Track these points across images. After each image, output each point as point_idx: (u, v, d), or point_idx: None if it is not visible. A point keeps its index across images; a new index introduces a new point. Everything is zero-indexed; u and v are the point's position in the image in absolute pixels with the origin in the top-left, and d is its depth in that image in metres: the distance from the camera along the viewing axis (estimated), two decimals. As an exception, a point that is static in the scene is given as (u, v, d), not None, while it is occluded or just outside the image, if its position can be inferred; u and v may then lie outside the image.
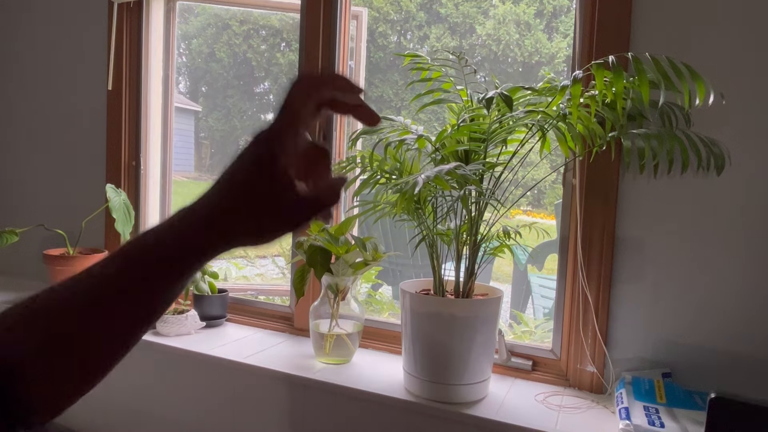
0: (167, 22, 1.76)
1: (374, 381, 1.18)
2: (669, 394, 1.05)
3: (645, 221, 1.13)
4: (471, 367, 1.07)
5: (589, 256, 1.16)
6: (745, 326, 1.06)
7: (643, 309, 1.13)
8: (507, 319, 3.19)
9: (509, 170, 1.09)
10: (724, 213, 1.07)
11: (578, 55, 1.18)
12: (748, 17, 1.03)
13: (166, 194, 1.81)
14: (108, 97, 1.72)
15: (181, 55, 10.94)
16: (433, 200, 1.13)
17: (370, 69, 8.71)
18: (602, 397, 1.15)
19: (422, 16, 9.61)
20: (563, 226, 1.23)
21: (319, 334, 1.28)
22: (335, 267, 1.24)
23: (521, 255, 3.14)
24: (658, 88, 0.89)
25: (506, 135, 1.07)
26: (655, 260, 1.12)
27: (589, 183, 1.16)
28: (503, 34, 8.91)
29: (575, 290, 1.18)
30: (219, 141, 10.91)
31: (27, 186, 1.92)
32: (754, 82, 1.03)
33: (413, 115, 2.10)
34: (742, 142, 1.04)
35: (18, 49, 1.90)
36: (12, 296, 1.68)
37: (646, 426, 0.94)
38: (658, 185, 1.11)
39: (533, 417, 1.04)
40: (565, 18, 8.84)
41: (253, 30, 10.43)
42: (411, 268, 3.36)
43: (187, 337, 1.40)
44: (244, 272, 3.60)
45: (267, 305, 1.58)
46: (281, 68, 10.58)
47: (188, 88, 11.35)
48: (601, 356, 1.16)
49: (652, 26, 1.10)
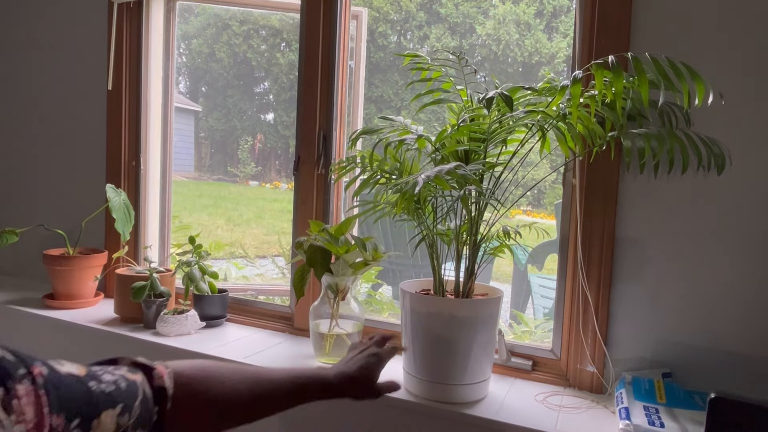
0: (167, 22, 1.76)
1: (374, 381, 1.17)
2: (669, 394, 1.05)
3: (645, 221, 1.13)
4: (471, 367, 1.07)
5: (589, 256, 1.16)
6: (745, 326, 1.06)
7: (643, 309, 1.13)
8: (507, 319, 3.19)
9: (509, 170, 1.09)
10: (724, 213, 1.07)
11: (578, 55, 1.18)
12: (748, 17, 1.03)
13: (166, 194, 1.81)
14: (108, 97, 1.72)
15: (181, 55, 10.93)
16: (433, 200, 1.13)
17: (370, 69, 8.71)
18: (602, 397, 1.15)
19: (422, 16, 9.61)
20: (563, 226, 1.23)
21: (319, 334, 1.28)
22: (335, 267, 1.24)
23: (521, 255, 3.14)
24: (657, 88, 0.89)
25: (506, 135, 1.07)
26: (655, 260, 1.12)
27: (589, 183, 1.16)
28: (503, 34, 8.91)
29: (575, 290, 1.18)
30: (219, 141, 10.91)
31: (27, 186, 1.93)
32: (754, 81, 1.03)
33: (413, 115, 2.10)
34: (742, 142, 1.04)
35: (18, 49, 1.90)
36: (13, 296, 1.68)
37: (646, 426, 0.94)
38: (658, 185, 1.11)
39: (533, 417, 1.04)
40: (565, 18, 8.84)
41: (253, 30, 10.43)
42: (411, 268, 3.36)
43: (187, 337, 1.40)
44: (244, 272, 3.60)
45: (267, 305, 1.58)
46: (281, 68, 10.58)
47: (188, 88, 11.35)
48: (601, 356, 1.16)
49: (652, 26, 1.10)
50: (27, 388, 0.43)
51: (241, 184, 10.51)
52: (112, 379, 0.53)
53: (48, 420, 0.44)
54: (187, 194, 8.36)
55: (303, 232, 1.45)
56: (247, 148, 10.74)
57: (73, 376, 0.49)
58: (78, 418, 0.47)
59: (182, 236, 1.82)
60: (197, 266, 1.50)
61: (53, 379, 0.46)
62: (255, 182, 10.55)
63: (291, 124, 9.49)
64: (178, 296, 1.55)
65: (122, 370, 0.57)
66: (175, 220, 1.87)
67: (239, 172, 10.61)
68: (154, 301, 1.45)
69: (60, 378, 0.47)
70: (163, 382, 0.60)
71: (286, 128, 10.36)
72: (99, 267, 1.65)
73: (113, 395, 0.52)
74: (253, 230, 7.03)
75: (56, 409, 0.45)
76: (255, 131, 10.83)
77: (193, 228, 1.87)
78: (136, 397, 0.55)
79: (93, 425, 0.49)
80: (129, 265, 1.66)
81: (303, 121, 1.47)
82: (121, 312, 1.51)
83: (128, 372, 0.57)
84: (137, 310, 1.48)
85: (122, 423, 0.52)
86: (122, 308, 1.51)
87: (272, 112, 11.27)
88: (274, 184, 10.28)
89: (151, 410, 0.57)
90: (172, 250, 1.79)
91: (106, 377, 0.53)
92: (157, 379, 0.60)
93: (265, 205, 8.55)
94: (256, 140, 10.84)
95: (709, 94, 0.92)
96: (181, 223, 2.07)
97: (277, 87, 10.91)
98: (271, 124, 11.02)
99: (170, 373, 0.61)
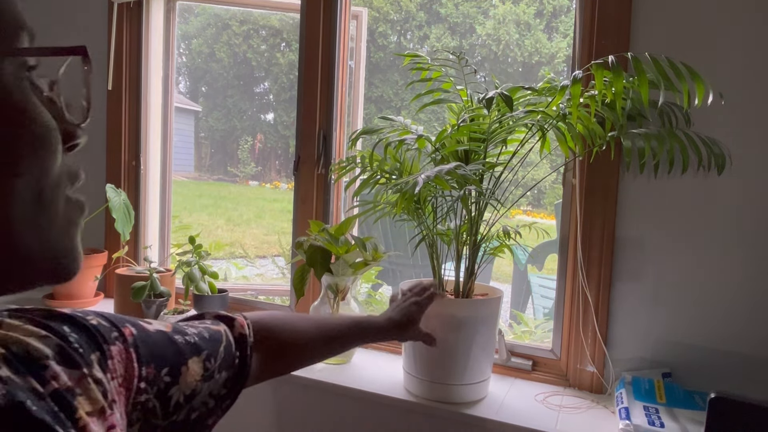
0: (167, 22, 1.76)
1: (374, 381, 1.18)
2: (669, 394, 1.05)
3: (645, 221, 1.13)
4: (471, 367, 1.07)
5: (589, 256, 1.16)
6: (745, 326, 1.06)
7: (643, 309, 1.13)
8: (507, 318, 3.19)
9: (509, 170, 1.09)
10: (724, 213, 1.07)
11: (578, 55, 1.18)
12: (748, 16, 1.03)
13: (166, 194, 1.81)
14: (108, 97, 1.72)
15: (181, 55, 10.94)
16: (433, 200, 1.13)
17: (370, 69, 8.72)
18: (602, 397, 1.15)
19: (422, 16, 9.61)
20: (563, 226, 1.23)
21: (319, 334, 1.28)
22: (335, 267, 1.24)
23: (521, 255, 3.14)
24: (657, 88, 0.89)
25: (506, 135, 1.07)
26: (655, 260, 1.12)
27: (589, 183, 1.16)
28: (503, 34, 8.91)
29: (575, 290, 1.18)
30: (219, 141, 10.91)
31: (27, 186, 1.92)
32: (754, 81, 1.03)
33: (413, 115, 2.10)
34: (742, 142, 1.04)
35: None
36: (13, 296, 1.68)
37: (646, 426, 0.94)
38: (658, 185, 1.11)
39: (533, 417, 1.04)
40: (565, 18, 8.84)
41: (253, 30, 10.43)
42: (411, 268, 3.36)
43: (187, 337, 1.39)
44: (244, 272, 3.60)
45: (267, 305, 1.58)
46: (281, 68, 10.58)
47: (188, 88, 11.35)
48: (601, 356, 1.16)
49: (652, 26, 1.10)
50: (119, 347, 0.49)
51: (241, 184, 10.51)
52: (196, 331, 0.60)
53: (138, 371, 0.50)
54: (187, 194, 8.37)
55: (303, 232, 1.45)
56: (247, 148, 10.75)
57: (160, 332, 0.56)
58: (167, 366, 0.54)
59: (182, 236, 1.82)
60: (197, 266, 1.50)
61: (142, 336, 0.52)
62: (255, 182, 10.55)
63: (291, 124, 9.50)
64: (178, 296, 1.55)
65: (206, 323, 0.64)
66: (175, 220, 1.87)
67: (239, 172, 10.61)
68: (154, 301, 1.45)
69: (148, 334, 0.54)
70: (243, 329, 0.67)
71: (286, 128, 10.36)
72: (99, 267, 1.65)
73: (198, 344, 0.58)
74: (253, 230, 7.03)
75: (145, 362, 0.51)
76: (255, 131, 10.84)
77: (193, 228, 1.88)
78: (219, 344, 0.61)
79: (182, 371, 0.55)
80: (129, 265, 1.66)
81: (303, 121, 1.47)
82: (121, 312, 1.51)
83: (211, 324, 0.64)
84: (137, 310, 1.48)
85: (209, 366, 0.58)
86: (122, 308, 1.51)
87: (272, 112, 11.27)
88: (274, 184, 10.28)
89: (234, 354, 0.63)
90: (172, 250, 1.79)
91: (190, 330, 0.60)
92: (238, 327, 0.66)
93: (265, 205, 8.55)
94: (256, 140, 10.85)
95: (709, 94, 0.92)
96: (181, 223, 2.07)
97: (277, 87, 10.92)
98: (271, 124, 11.03)
99: (248, 323, 0.68)
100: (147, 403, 0.51)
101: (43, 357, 0.41)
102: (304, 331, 0.78)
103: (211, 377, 0.59)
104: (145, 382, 0.51)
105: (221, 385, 0.61)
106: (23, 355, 0.40)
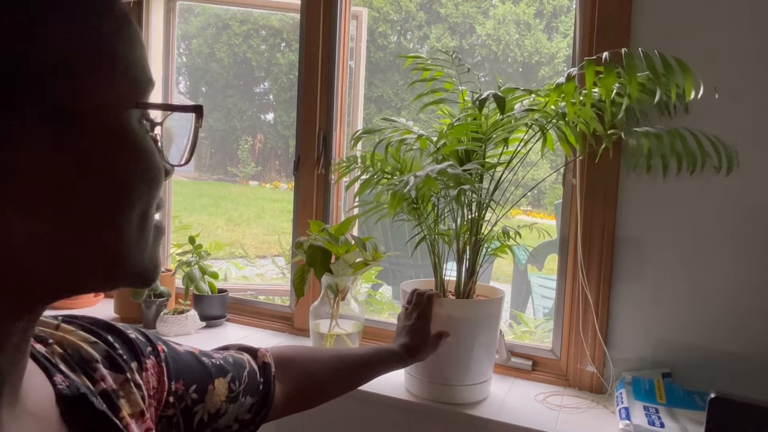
0: (167, 22, 1.76)
1: (375, 381, 1.16)
2: (669, 394, 1.05)
3: (645, 221, 1.13)
4: (472, 368, 1.07)
5: (589, 256, 1.16)
6: (745, 326, 1.06)
7: (643, 309, 1.13)
8: (507, 318, 3.19)
9: (509, 170, 1.09)
10: (724, 213, 1.07)
11: (578, 55, 1.18)
12: (747, 15, 1.03)
13: (166, 194, 1.81)
14: (108, 97, 1.71)
15: (181, 55, 10.94)
16: (434, 200, 1.13)
17: (370, 69, 8.72)
18: (602, 397, 1.15)
19: (422, 16, 9.62)
20: (563, 226, 1.23)
21: (319, 334, 1.28)
22: (335, 267, 1.24)
23: (521, 255, 3.14)
24: (655, 84, 0.88)
25: (506, 135, 1.07)
26: (655, 260, 1.12)
27: (589, 183, 1.16)
28: (503, 34, 8.91)
29: (575, 290, 1.18)
30: (219, 141, 10.92)
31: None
32: (755, 80, 1.03)
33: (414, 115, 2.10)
34: (742, 141, 1.04)
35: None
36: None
37: (646, 426, 0.94)
38: (658, 185, 1.11)
39: (533, 417, 1.04)
40: (565, 18, 8.84)
41: (253, 30, 10.43)
42: (411, 268, 3.36)
43: (187, 337, 1.40)
44: (244, 272, 3.60)
45: (267, 305, 1.58)
46: (281, 68, 10.59)
47: (188, 88, 11.35)
48: (601, 356, 1.16)
49: (652, 26, 1.10)
50: (153, 361, 0.53)
51: (241, 184, 10.52)
52: (221, 356, 0.65)
53: (168, 386, 0.54)
54: (187, 194, 8.37)
55: (303, 232, 1.45)
56: (247, 148, 10.75)
57: (189, 352, 0.60)
58: (194, 384, 0.58)
59: (182, 236, 1.82)
60: (197, 266, 1.50)
61: (173, 354, 0.57)
62: (255, 182, 10.56)
63: (291, 124, 9.49)
64: (178, 296, 1.55)
65: (230, 352, 0.68)
66: (175, 220, 1.87)
67: (239, 172, 10.62)
68: (154, 301, 1.45)
69: (178, 353, 0.58)
70: (266, 358, 0.70)
71: (286, 128, 10.37)
72: (99, 267, 1.65)
73: (224, 366, 0.63)
74: (253, 230, 7.04)
75: (175, 378, 0.56)
76: (255, 131, 10.84)
77: (193, 228, 1.88)
78: (243, 369, 0.65)
79: (209, 390, 0.59)
80: (129, 265, 1.65)
81: (303, 121, 1.47)
82: (121, 312, 1.51)
83: (235, 353, 0.68)
84: (137, 310, 1.48)
85: (233, 388, 0.62)
86: (122, 308, 1.51)
87: (272, 112, 11.28)
88: (274, 184, 10.29)
89: (258, 381, 0.67)
90: (172, 250, 1.79)
91: (216, 355, 0.64)
92: (261, 357, 0.70)
93: (265, 205, 8.56)
94: (256, 140, 10.85)
95: (700, 88, 0.91)
96: (181, 223, 2.07)
97: (277, 87, 10.92)
98: (271, 124, 11.03)
99: (270, 354, 0.72)
100: (173, 417, 0.55)
101: (93, 360, 0.46)
102: (325, 362, 0.80)
103: (236, 399, 0.62)
104: (174, 397, 0.55)
105: (246, 410, 0.64)
106: (77, 356, 0.46)
